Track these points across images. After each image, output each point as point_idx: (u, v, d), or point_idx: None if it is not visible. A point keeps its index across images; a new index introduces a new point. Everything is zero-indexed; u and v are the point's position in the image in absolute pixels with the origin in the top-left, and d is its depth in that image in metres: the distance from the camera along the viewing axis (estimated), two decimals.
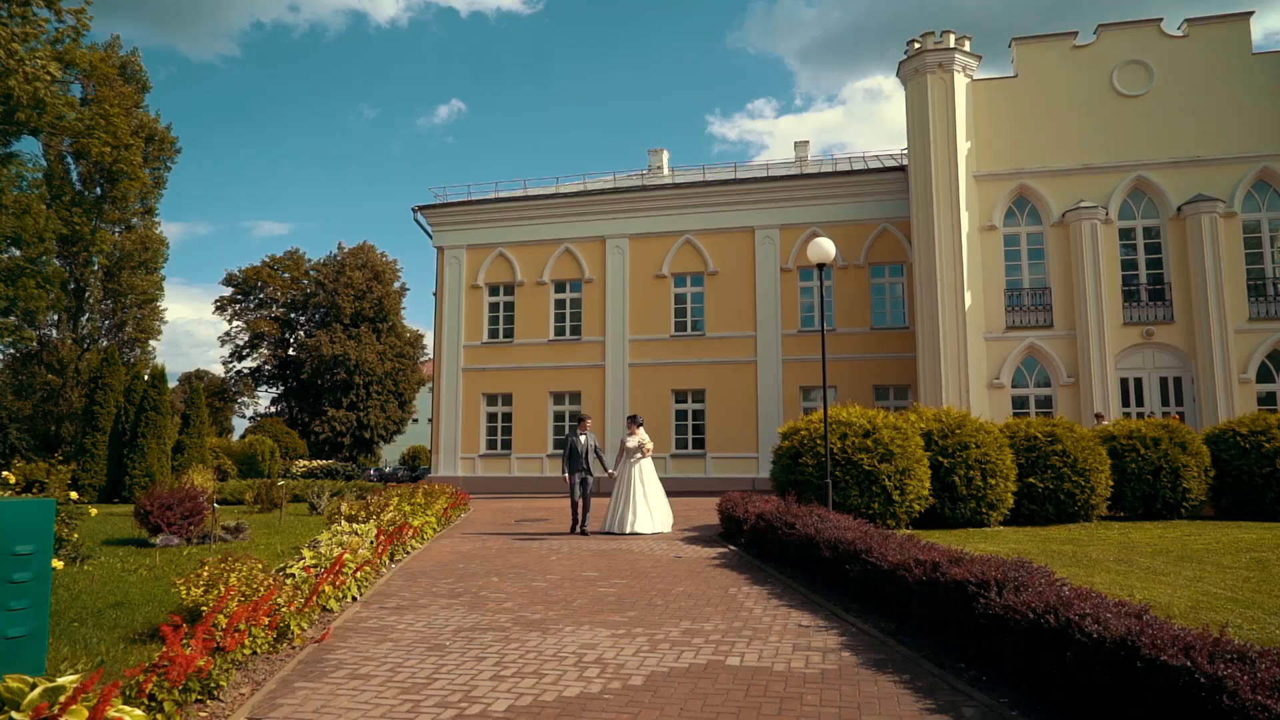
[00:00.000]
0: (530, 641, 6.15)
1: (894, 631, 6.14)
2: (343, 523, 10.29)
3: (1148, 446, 14.10)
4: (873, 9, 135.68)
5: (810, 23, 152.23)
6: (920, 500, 12.42)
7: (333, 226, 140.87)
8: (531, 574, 9.22)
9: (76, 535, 9.94)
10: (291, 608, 6.08)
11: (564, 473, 13.33)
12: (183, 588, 5.95)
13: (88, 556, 9.86)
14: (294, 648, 6.08)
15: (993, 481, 12.82)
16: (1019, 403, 23.14)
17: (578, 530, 12.94)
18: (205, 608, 5.71)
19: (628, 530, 12.53)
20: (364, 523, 10.51)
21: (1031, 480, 13.43)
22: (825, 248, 12.28)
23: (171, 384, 68.28)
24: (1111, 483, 13.86)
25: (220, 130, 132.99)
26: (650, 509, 12.85)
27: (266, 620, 5.80)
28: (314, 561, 7.90)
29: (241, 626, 5.31)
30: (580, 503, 13.08)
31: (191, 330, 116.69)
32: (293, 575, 7.45)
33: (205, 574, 6.05)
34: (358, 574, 8.07)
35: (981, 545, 10.50)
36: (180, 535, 11.76)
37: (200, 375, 69.55)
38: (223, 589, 5.80)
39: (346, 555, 8.18)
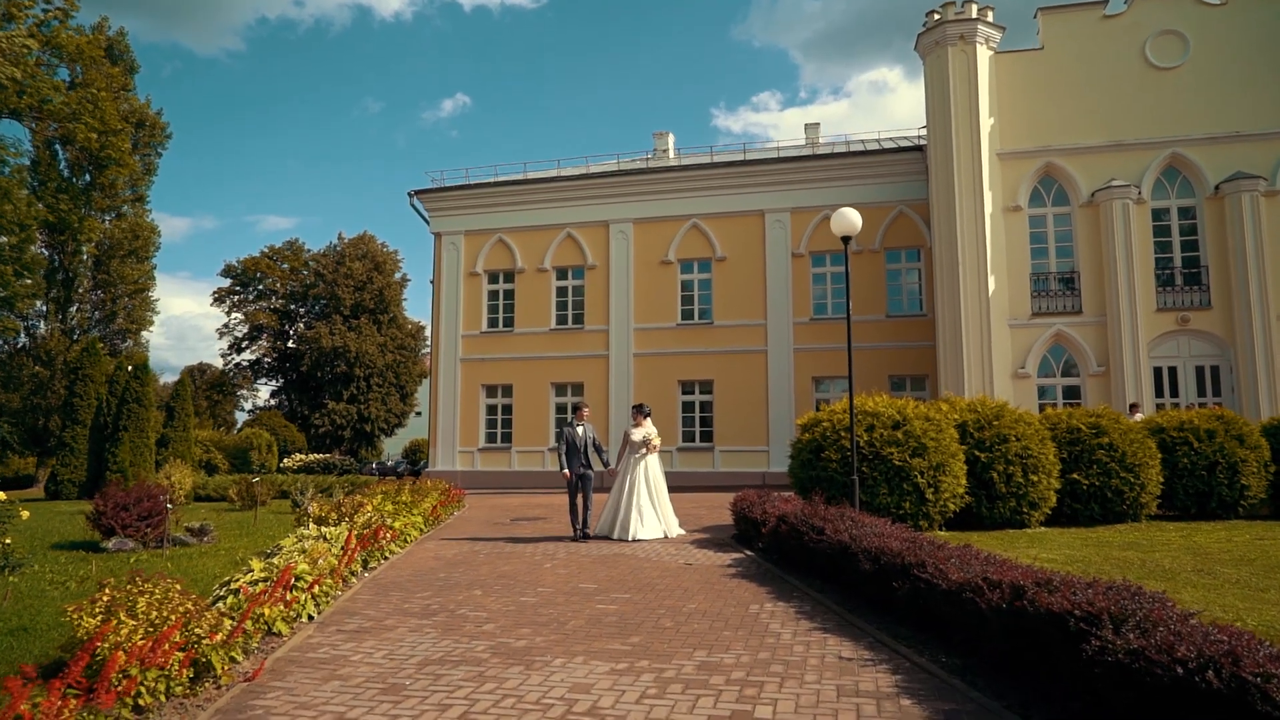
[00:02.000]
0: (510, 681, 4.98)
1: (960, 669, 4.95)
2: (310, 525, 9.13)
3: (1201, 439, 12.87)
4: (876, 0, 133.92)
5: (814, 15, 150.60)
6: (955, 499, 11.23)
7: (338, 220, 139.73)
8: (521, 585, 8.06)
9: (9, 539, 8.79)
10: (214, 639, 4.92)
11: (561, 469, 11.84)
12: (75, 615, 4.79)
13: (20, 564, 8.73)
14: (219, 687, 4.93)
15: (1034, 478, 11.61)
16: (1045, 393, 21.88)
17: (579, 534, 11.52)
18: (101, 641, 4.54)
19: (630, 537, 11.11)
20: (335, 525, 9.37)
21: (1075, 476, 12.21)
22: (850, 219, 11.05)
23: (173, 377, 67.31)
24: (1161, 479, 12.65)
25: (225, 125, 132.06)
26: (658, 513, 11.46)
27: (179, 655, 4.64)
28: (263, 574, 6.75)
29: (133, 671, 4.14)
30: (581, 503, 11.66)
31: (198, 324, 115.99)
32: (235, 593, 6.31)
33: (105, 597, 4.89)
34: (315, 588, 6.91)
35: (1030, 550, 9.31)
36: (136, 538, 10.62)
37: (203, 369, 68.62)
38: (123, 618, 4.64)
39: (303, 566, 7.03)
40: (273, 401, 62.22)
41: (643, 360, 27.02)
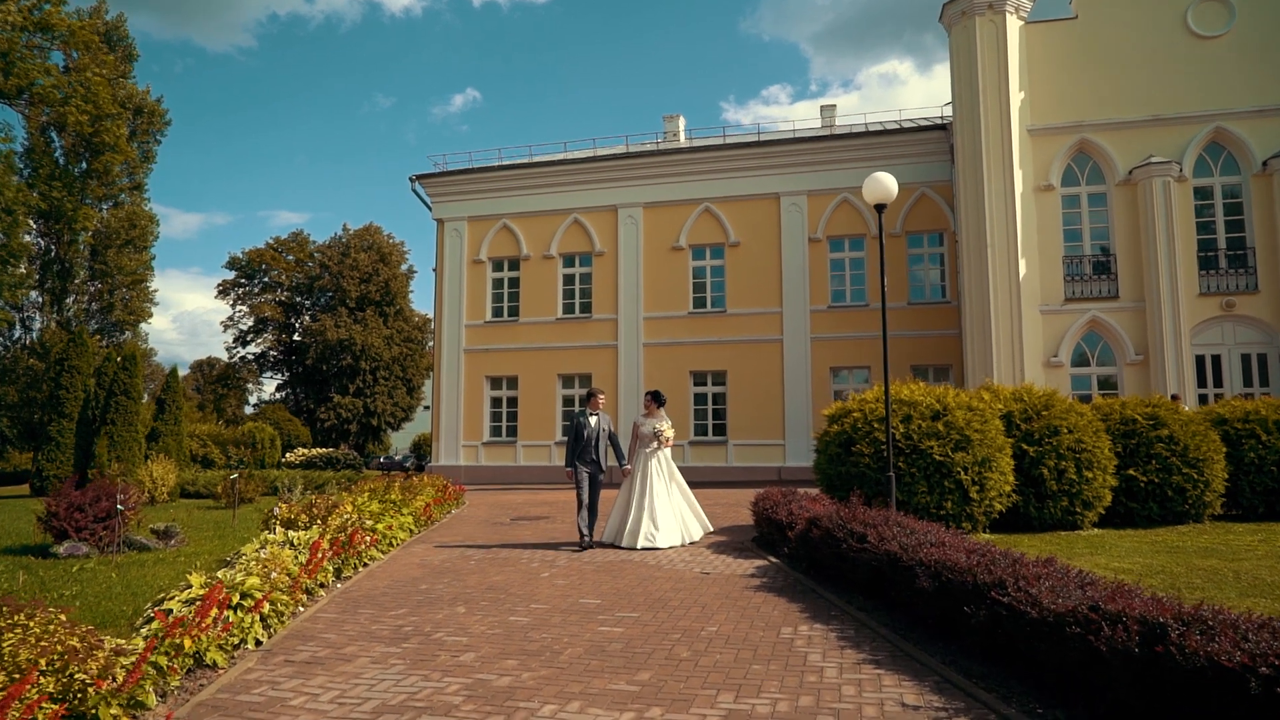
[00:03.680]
0: None
1: None
2: (277, 529, 8.06)
3: (1270, 431, 11.67)
4: None
5: (824, 8, 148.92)
6: (1002, 498, 10.06)
7: (348, 215, 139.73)
8: (513, 600, 6.96)
9: None
10: (103, 685, 3.84)
11: (568, 465, 10.16)
12: None
13: None
14: None
15: (1089, 474, 10.42)
16: (1079, 383, 20.63)
17: (587, 543, 9.83)
18: None
19: (640, 545, 9.48)
20: (306, 529, 8.30)
21: (1131, 472, 11.04)
22: (885, 184, 9.89)
23: (183, 372, 66.54)
24: (1226, 475, 11.45)
25: (236, 121, 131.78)
26: (675, 516, 9.91)
27: (50, 708, 3.56)
28: (203, 591, 5.67)
29: None
30: (590, 507, 9.99)
31: (210, 319, 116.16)
32: (169, 612, 5.24)
33: None
34: (264, 607, 5.82)
35: (1095, 558, 8.16)
36: (91, 542, 9.58)
37: (212, 363, 67.94)
38: None
39: (252, 580, 5.95)
40: (278, 395, 61.43)
41: (653, 350, 25.92)
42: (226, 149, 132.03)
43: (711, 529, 10.61)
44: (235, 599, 5.71)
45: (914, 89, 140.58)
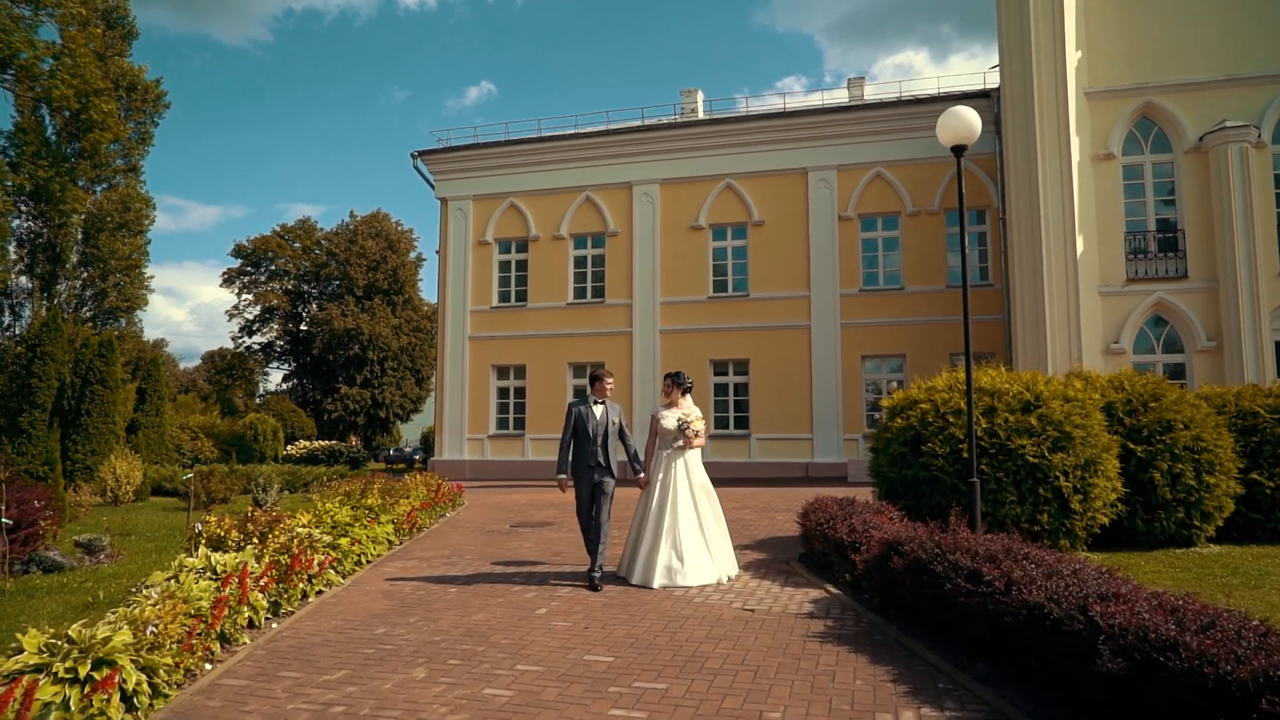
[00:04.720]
0: None
1: None
2: (199, 551, 6.27)
3: None
4: None
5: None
6: (1107, 508, 8.18)
7: (363, 208, 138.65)
8: (494, 655, 5.15)
9: None
10: None
11: (559, 470, 7.42)
12: None
13: None
14: None
15: (1210, 479, 8.52)
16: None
17: (596, 577, 7.22)
18: None
19: (658, 583, 7.06)
20: (238, 549, 6.53)
21: (1255, 476, 9.13)
22: (965, 120, 7.96)
23: (194, 362, 65.31)
24: None
25: (253, 115, 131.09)
26: (708, 543, 7.23)
27: None
28: (37, 660, 3.90)
29: None
30: (599, 530, 7.35)
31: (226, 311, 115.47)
32: None
33: None
34: (125, 679, 4.04)
35: (1258, 594, 6.29)
36: None
37: (224, 354, 66.68)
38: None
39: (119, 638, 4.17)
40: (285, 386, 59.97)
41: (670, 337, 24.07)
42: (243, 143, 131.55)
43: (735, 571, 7.58)
44: (84, 669, 3.94)
45: (929, 81, 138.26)
